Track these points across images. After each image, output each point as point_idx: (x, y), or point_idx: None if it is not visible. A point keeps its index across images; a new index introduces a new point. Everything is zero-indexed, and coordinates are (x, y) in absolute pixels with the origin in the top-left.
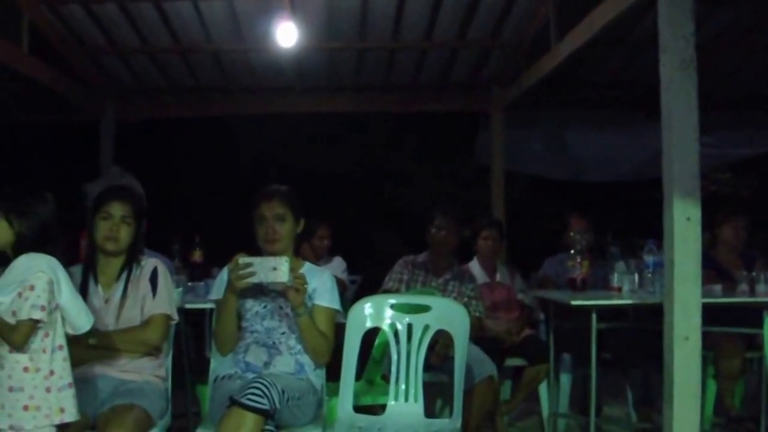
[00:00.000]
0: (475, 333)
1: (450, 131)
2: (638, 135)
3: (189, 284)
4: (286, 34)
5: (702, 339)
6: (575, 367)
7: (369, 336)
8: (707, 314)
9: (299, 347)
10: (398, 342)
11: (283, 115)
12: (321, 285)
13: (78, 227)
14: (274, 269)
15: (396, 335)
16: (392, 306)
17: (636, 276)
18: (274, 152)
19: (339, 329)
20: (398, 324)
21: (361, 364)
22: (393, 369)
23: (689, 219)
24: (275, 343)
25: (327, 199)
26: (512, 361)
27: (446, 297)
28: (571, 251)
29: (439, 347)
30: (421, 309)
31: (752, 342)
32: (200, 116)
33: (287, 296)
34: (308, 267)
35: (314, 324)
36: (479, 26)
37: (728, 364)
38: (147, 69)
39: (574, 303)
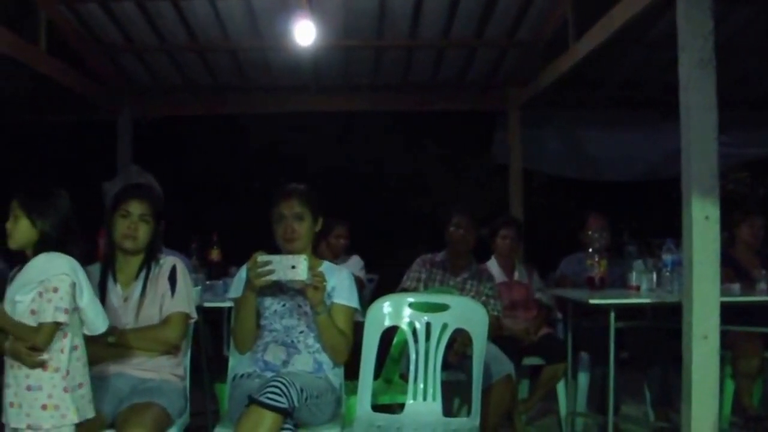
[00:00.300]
0: (494, 332)
1: (467, 130)
2: (654, 134)
3: (207, 283)
4: (304, 33)
5: (720, 338)
6: (593, 366)
7: (387, 335)
8: (725, 313)
9: (318, 346)
10: (417, 341)
11: (301, 114)
12: (340, 283)
13: (96, 226)
14: (293, 267)
15: (414, 334)
16: (411, 305)
17: (654, 275)
18: (292, 151)
19: (357, 328)
20: (417, 323)
21: (380, 363)
22: (411, 368)
23: (708, 218)
24: (294, 342)
25: (344, 198)
26: (530, 360)
27: (464, 296)
28: (589, 250)
29: (458, 346)
30: (440, 308)
31: None
32: (217, 114)
33: (306, 294)
34: (327, 265)
35: (333, 322)
36: (497, 25)
37: (746, 363)
38: (164, 67)
39: (593, 302)
